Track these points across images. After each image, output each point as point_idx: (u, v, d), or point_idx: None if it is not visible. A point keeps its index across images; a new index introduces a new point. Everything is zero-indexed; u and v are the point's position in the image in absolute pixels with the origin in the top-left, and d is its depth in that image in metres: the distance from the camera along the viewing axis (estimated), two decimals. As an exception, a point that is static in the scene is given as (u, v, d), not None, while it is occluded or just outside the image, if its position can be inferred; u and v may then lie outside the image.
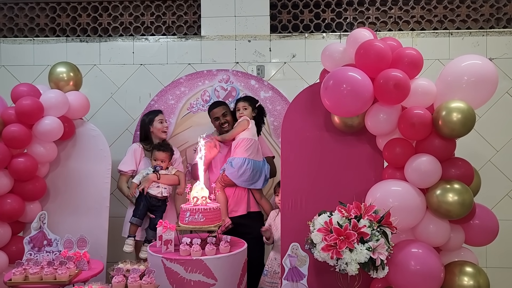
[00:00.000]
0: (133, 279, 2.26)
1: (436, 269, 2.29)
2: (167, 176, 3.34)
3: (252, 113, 3.41)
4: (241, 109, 3.39)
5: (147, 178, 3.31)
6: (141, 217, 3.27)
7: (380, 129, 2.53)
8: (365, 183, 2.65)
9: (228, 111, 3.52)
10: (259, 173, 3.31)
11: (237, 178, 3.26)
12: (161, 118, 3.51)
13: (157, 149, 3.35)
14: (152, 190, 3.30)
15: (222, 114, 3.48)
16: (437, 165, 2.36)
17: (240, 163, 3.22)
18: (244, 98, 3.51)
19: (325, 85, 2.45)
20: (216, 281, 2.60)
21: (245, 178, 3.25)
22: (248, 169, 3.24)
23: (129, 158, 3.46)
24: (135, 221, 3.26)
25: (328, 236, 2.18)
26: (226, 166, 3.30)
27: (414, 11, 4.11)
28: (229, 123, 3.48)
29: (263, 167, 3.35)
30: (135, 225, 3.28)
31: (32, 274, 2.42)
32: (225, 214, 3.28)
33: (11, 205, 3.01)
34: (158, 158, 3.33)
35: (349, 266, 2.14)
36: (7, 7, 4.20)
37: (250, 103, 3.42)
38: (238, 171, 3.22)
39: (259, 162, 3.33)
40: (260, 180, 3.33)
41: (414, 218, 2.39)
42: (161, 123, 3.50)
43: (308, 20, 4.15)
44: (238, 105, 3.43)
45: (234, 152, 3.31)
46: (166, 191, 3.33)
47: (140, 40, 4.12)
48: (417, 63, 2.45)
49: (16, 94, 3.13)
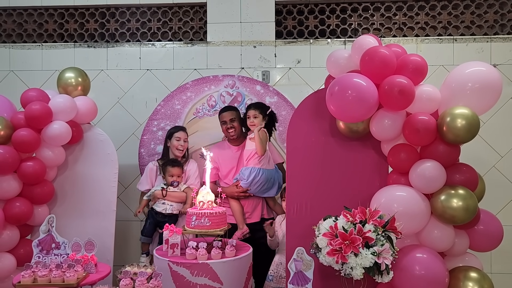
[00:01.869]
0: (141, 282, 2.29)
1: (440, 274, 2.31)
2: (173, 193, 3.36)
3: (263, 120, 3.33)
4: (251, 118, 3.32)
5: (153, 194, 3.37)
6: (148, 235, 3.36)
7: (385, 135, 2.56)
8: (370, 188, 2.67)
9: (237, 117, 3.51)
10: (272, 181, 3.34)
11: (250, 187, 3.30)
12: (179, 136, 3.49)
13: (170, 166, 3.38)
14: (157, 207, 3.35)
15: (230, 119, 3.49)
16: (442, 170, 2.38)
17: (255, 174, 3.26)
18: (255, 106, 3.42)
19: (330, 91, 2.47)
20: (221, 284, 2.63)
21: (259, 187, 3.30)
22: (262, 179, 3.27)
23: (144, 178, 3.53)
24: (143, 239, 3.37)
25: (333, 240, 2.20)
26: (240, 177, 3.33)
27: (419, 17, 4.14)
28: (235, 129, 3.48)
29: (275, 175, 3.37)
30: (145, 243, 3.36)
31: (41, 277, 2.46)
32: (242, 222, 3.32)
33: (19, 208, 3.04)
34: (174, 174, 3.36)
35: (354, 271, 2.16)
36: (16, 13, 4.27)
37: (260, 111, 3.34)
38: (252, 181, 3.26)
39: (271, 170, 3.36)
40: (274, 188, 3.37)
41: (418, 223, 2.41)
42: (178, 141, 3.48)
43: (313, 26, 4.19)
44: (249, 113, 3.35)
45: (247, 163, 3.33)
46: (172, 208, 3.35)
47: (147, 45, 4.17)
48: (422, 69, 2.48)
49: (26, 99, 3.17)
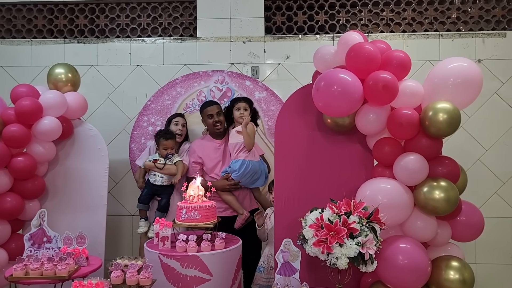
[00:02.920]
0: (131, 274, 2.34)
1: (422, 263, 2.38)
2: (165, 167, 3.48)
3: (250, 114, 3.49)
4: (241, 109, 3.44)
5: (145, 164, 3.53)
6: (145, 202, 3.53)
7: (370, 129, 2.62)
8: (356, 181, 2.74)
9: (222, 111, 3.59)
10: (260, 172, 3.43)
11: (242, 179, 3.38)
12: (177, 121, 3.68)
13: (164, 138, 3.49)
14: (150, 178, 3.52)
15: (216, 113, 3.55)
16: (424, 163, 2.45)
17: (245, 165, 3.34)
18: (244, 99, 3.55)
19: (316, 86, 2.53)
20: (211, 276, 2.69)
21: (249, 178, 3.38)
22: (251, 170, 3.36)
23: (144, 154, 3.68)
24: (140, 206, 3.54)
25: (319, 231, 2.26)
26: (231, 170, 3.40)
27: (405, 13, 4.20)
28: (221, 123, 3.55)
29: (261, 165, 3.47)
30: (142, 209, 3.55)
31: (33, 270, 2.49)
32: (241, 208, 3.40)
33: (11, 203, 3.07)
34: (168, 146, 3.48)
35: (339, 261, 2.22)
36: (5, 9, 4.26)
37: (249, 105, 3.50)
38: (242, 173, 3.34)
39: (258, 162, 3.46)
40: (261, 179, 3.46)
41: (402, 214, 2.48)
42: (176, 125, 3.66)
43: (302, 22, 4.23)
44: (239, 105, 3.46)
45: (236, 155, 3.41)
46: (162, 180, 3.49)
47: (137, 41, 4.19)
48: (405, 65, 2.54)
49: (16, 95, 3.19)
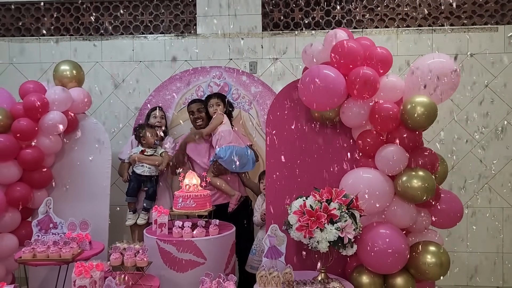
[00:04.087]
0: (129, 256, 2.53)
1: (401, 248, 2.53)
2: (151, 157, 3.65)
3: (224, 108, 3.70)
4: (214, 105, 3.68)
5: (131, 158, 3.67)
6: (132, 195, 3.68)
7: (354, 122, 2.77)
8: (342, 171, 2.89)
9: (204, 108, 3.78)
10: (246, 157, 3.59)
11: (229, 165, 3.53)
12: (154, 114, 3.86)
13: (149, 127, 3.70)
14: (137, 169, 3.66)
15: (197, 110, 3.78)
16: (403, 154, 2.59)
17: (230, 150, 3.50)
18: (216, 95, 3.78)
19: (301, 82, 2.68)
20: (205, 260, 2.87)
21: (236, 163, 3.52)
22: (237, 155, 3.51)
23: (126, 148, 3.82)
24: (128, 199, 3.70)
25: (301, 217, 2.42)
26: (217, 156, 3.55)
27: (400, 9, 4.30)
28: (203, 119, 3.77)
29: (247, 152, 3.64)
30: (131, 202, 3.69)
31: (40, 253, 2.70)
32: (231, 190, 3.58)
33: (20, 192, 3.28)
34: (152, 134, 3.68)
35: (320, 244, 2.38)
36: (14, 8, 4.46)
37: (222, 99, 3.72)
38: (229, 158, 3.49)
39: (243, 148, 3.63)
40: (249, 164, 3.63)
41: (382, 202, 2.62)
42: (154, 118, 3.85)
43: (299, 18, 4.36)
44: (211, 101, 3.70)
45: (218, 143, 3.57)
46: (150, 170, 3.65)
47: (140, 38, 4.36)
48: (387, 61, 2.67)
49: (24, 91, 3.39)
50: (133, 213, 3.69)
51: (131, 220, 3.67)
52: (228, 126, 3.64)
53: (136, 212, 3.70)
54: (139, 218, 3.65)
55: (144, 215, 3.65)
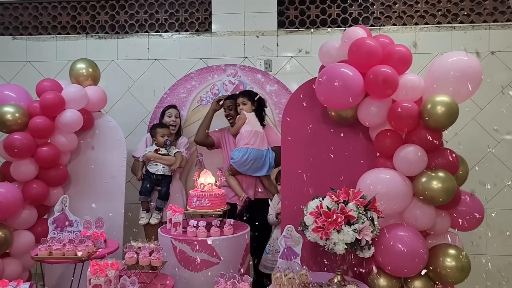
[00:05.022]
0: (143, 255, 2.52)
1: (419, 251, 2.47)
2: (165, 157, 3.64)
3: (252, 107, 3.62)
4: (240, 105, 3.62)
5: (145, 156, 3.65)
6: (146, 194, 3.66)
7: (371, 121, 2.71)
8: (359, 171, 2.82)
9: (234, 105, 3.74)
10: (262, 161, 3.52)
11: (240, 167, 3.49)
12: (170, 113, 3.83)
13: (160, 127, 3.68)
14: (151, 168, 3.64)
15: (228, 107, 3.75)
16: (423, 154, 2.52)
17: (242, 153, 3.45)
18: (243, 93, 3.71)
19: (319, 80, 2.63)
20: (220, 260, 2.85)
21: (248, 166, 3.48)
22: (250, 158, 3.45)
23: (141, 146, 3.80)
24: (142, 198, 3.69)
25: (318, 218, 2.38)
26: (230, 156, 3.54)
27: (418, 6, 4.21)
28: (232, 116, 3.74)
29: (267, 155, 3.55)
30: (144, 201, 3.68)
31: (56, 251, 2.72)
32: (240, 191, 3.52)
33: (36, 190, 3.30)
34: (164, 134, 3.66)
35: (337, 246, 2.34)
36: (32, 6, 4.50)
37: (248, 98, 3.63)
38: (240, 160, 3.45)
39: (262, 150, 3.53)
40: (264, 168, 3.55)
41: (401, 203, 2.57)
42: (169, 117, 3.81)
43: (315, 16, 4.30)
44: (238, 100, 3.65)
45: (237, 144, 3.55)
46: (164, 170, 3.63)
47: (155, 36, 4.36)
48: (406, 59, 2.60)
49: (40, 89, 3.41)
50: (146, 212, 3.68)
51: (144, 219, 3.66)
52: (251, 126, 3.54)
53: (149, 212, 3.69)
54: (152, 218, 3.64)
55: (157, 214, 3.64)
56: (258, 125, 3.59)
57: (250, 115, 3.58)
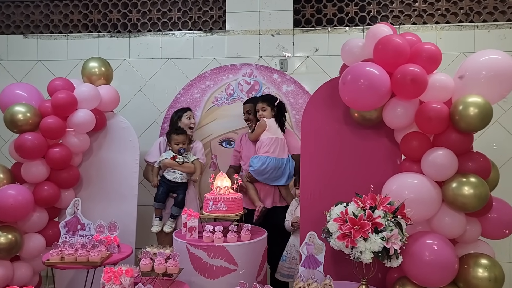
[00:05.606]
0: (159, 262, 2.42)
1: (449, 260, 2.34)
2: (184, 165, 3.51)
3: (272, 112, 3.48)
4: (260, 111, 3.48)
5: (162, 163, 3.52)
6: (161, 201, 3.52)
7: (398, 123, 2.58)
8: (383, 175, 2.70)
9: (253, 110, 3.59)
10: (282, 170, 3.40)
11: (259, 176, 3.39)
12: (189, 114, 3.69)
13: (175, 134, 3.52)
14: (168, 175, 3.52)
15: (247, 111, 3.62)
16: (454, 158, 2.39)
17: (261, 162, 3.34)
18: (263, 99, 3.55)
19: (343, 80, 2.51)
20: (237, 266, 2.74)
21: (266, 176, 3.38)
22: (269, 167, 3.34)
23: (154, 150, 3.66)
24: (157, 205, 3.54)
25: (343, 225, 2.26)
26: (249, 164, 3.43)
27: (439, 4, 4.08)
28: (251, 121, 3.60)
29: (286, 164, 3.43)
30: (158, 208, 3.53)
31: (68, 256, 2.62)
32: (257, 200, 3.41)
33: (48, 191, 3.22)
34: (179, 141, 3.51)
35: (363, 255, 2.22)
36: (43, 5, 4.43)
37: (268, 103, 3.48)
38: (259, 169, 3.35)
39: (282, 159, 3.41)
40: (283, 177, 3.43)
41: (429, 210, 2.44)
42: (189, 119, 3.67)
43: (332, 14, 4.19)
44: (257, 106, 3.50)
45: (257, 151, 3.44)
46: (182, 177, 3.51)
47: (168, 35, 4.27)
48: (435, 58, 2.48)
49: (52, 88, 3.33)
50: (159, 220, 3.52)
51: (156, 227, 3.50)
52: (272, 133, 3.42)
53: (162, 219, 3.54)
54: (165, 226, 3.49)
55: (171, 222, 3.49)
56: (278, 131, 3.46)
57: (271, 121, 3.45)
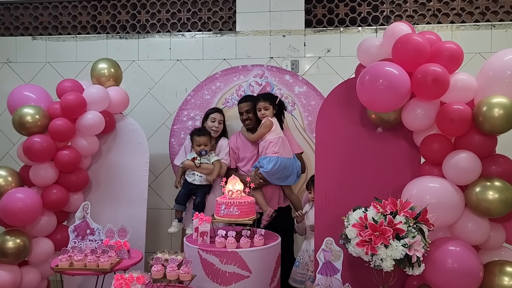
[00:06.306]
0: (172, 269, 2.34)
1: (474, 268, 2.24)
2: (203, 165, 3.44)
3: (273, 111, 3.42)
4: (262, 110, 3.39)
5: (184, 163, 3.47)
6: (181, 203, 3.47)
7: (417, 125, 2.50)
8: (401, 179, 2.62)
9: (253, 109, 3.51)
10: (291, 169, 3.35)
11: (270, 177, 3.31)
12: (214, 117, 3.58)
13: (197, 135, 3.46)
14: (188, 177, 3.47)
15: (246, 111, 3.53)
16: (477, 161, 2.30)
17: (273, 162, 3.26)
18: (264, 97, 3.46)
19: (361, 80, 2.43)
20: (250, 273, 2.66)
21: (278, 176, 3.31)
22: (281, 167, 3.28)
23: (181, 153, 3.65)
24: (177, 207, 3.49)
25: (363, 231, 2.17)
26: (259, 165, 3.35)
27: (454, 3, 3.99)
28: (251, 120, 3.52)
29: (294, 163, 3.38)
30: (178, 210, 3.48)
31: (77, 261, 2.56)
32: (265, 205, 3.33)
33: (56, 195, 3.15)
34: (201, 143, 3.44)
35: (384, 262, 2.13)
36: (52, 6, 4.39)
37: (270, 102, 3.41)
38: (272, 170, 3.27)
39: (289, 159, 3.36)
40: (292, 176, 3.37)
41: (451, 215, 2.34)
42: (212, 122, 3.58)
43: (344, 14, 4.10)
44: (259, 105, 3.41)
45: (264, 152, 3.35)
46: (201, 179, 3.44)
47: (177, 36, 4.21)
48: (457, 57, 2.39)
49: (61, 90, 3.26)
50: (177, 222, 3.47)
51: (174, 228, 3.44)
52: (277, 133, 3.35)
53: (181, 221, 3.49)
54: (188, 229, 3.40)
55: (176, 223, 3.45)
56: (281, 130, 3.41)
57: (274, 120, 3.39)
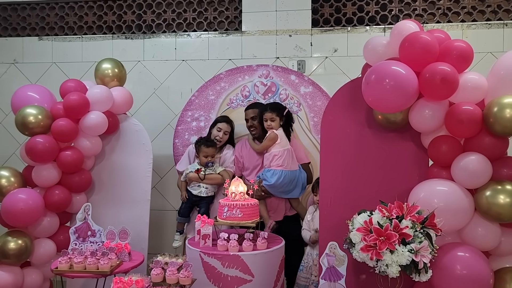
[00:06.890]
0: (171, 272, 2.30)
1: (484, 275, 2.16)
2: (209, 176, 3.36)
3: (280, 122, 3.31)
4: (268, 121, 3.30)
5: (188, 177, 3.39)
6: (184, 215, 3.42)
7: (425, 126, 2.42)
8: (408, 182, 2.55)
9: (258, 116, 3.43)
10: (295, 182, 3.28)
11: (274, 190, 3.25)
12: (220, 127, 3.50)
13: (205, 145, 3.37)
14: (193, 190, 3.39)
15: (251, 117, 3.47)
16: (487, 164, 2.22)
17: (277, 176, 3.19)
18: (271, 108, 3.35)
19: (367, 80, 2.36)
20: (253, 277, 2.60)
21: (282, 189, 3.24)
22: (285, 181, 3.21)
23: (184, 159, 3.57)
24: (180, 219, 3.44)
25: (367, 236, 2.10)
26: (262, 177, 3.28)
27: (465, 1, 3.89)
28: (256, 127, 3.45)
29: (299, 176, 3.30)
30: (181, 222, 3.43)
31: (77, 264, 2.52)
32: (267, 218, 3.26)
33: (59, 196, 3.13)
34: (208, 154, 3.36)
35: (390, 268, 2.06)
36: (59, 6, 4.38)
37: (277, 113, 3.30)
38: (275, 183, 3.20)
39: (294, 171, 3.29)
40: (297, 189, 3.30)
41: (460, 220, 2.26)
42: (218, 131, 3.49)
43: (351, 13, 4.03)
44: (266, 115, 3.31)
45: (269, 165, 3.27)
46: (207, 191, 3.37)
47: (182, 36, 4.17)
48: (467, 56, 2.31)
49: (64, 90, 3.25)
50: (179, 234, 3.41)
51: (178, 242, 3.39)
52: (282, 146, 3.26)
53: (183, 233, 3.43)
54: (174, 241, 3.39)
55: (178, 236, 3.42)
56: (287, 142, 3.31)
57: (281, 133, 3.30)
